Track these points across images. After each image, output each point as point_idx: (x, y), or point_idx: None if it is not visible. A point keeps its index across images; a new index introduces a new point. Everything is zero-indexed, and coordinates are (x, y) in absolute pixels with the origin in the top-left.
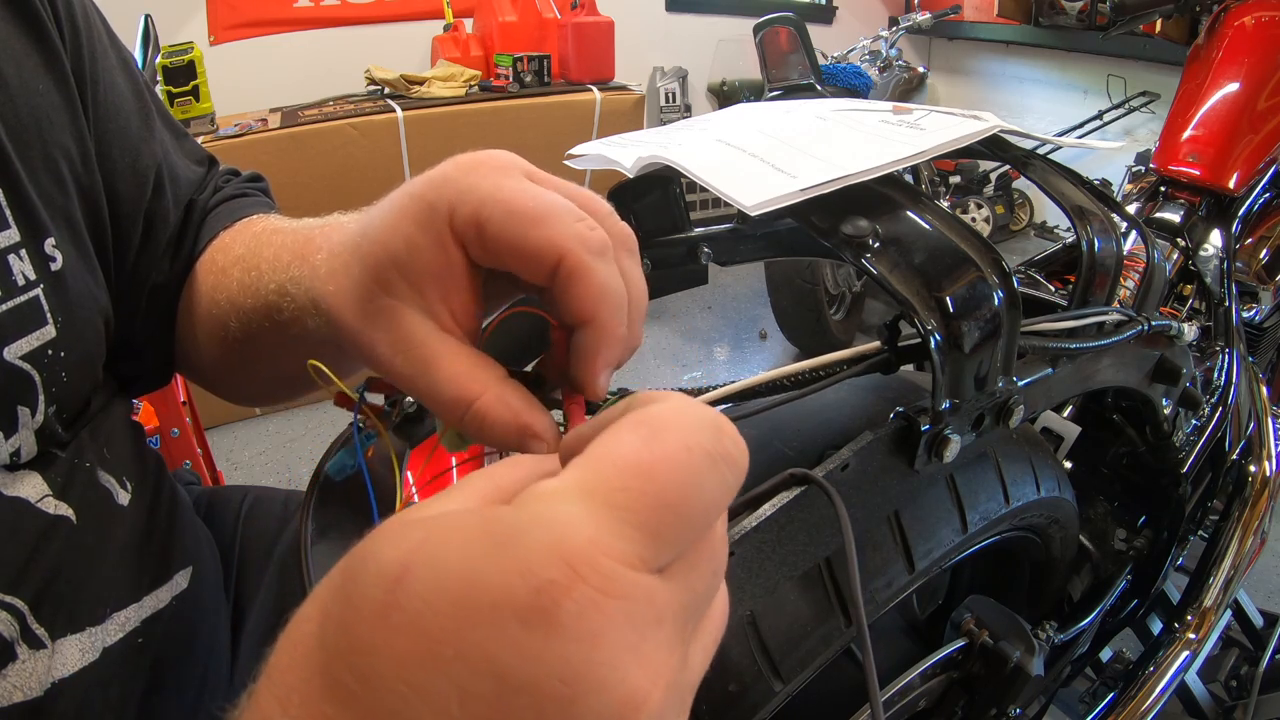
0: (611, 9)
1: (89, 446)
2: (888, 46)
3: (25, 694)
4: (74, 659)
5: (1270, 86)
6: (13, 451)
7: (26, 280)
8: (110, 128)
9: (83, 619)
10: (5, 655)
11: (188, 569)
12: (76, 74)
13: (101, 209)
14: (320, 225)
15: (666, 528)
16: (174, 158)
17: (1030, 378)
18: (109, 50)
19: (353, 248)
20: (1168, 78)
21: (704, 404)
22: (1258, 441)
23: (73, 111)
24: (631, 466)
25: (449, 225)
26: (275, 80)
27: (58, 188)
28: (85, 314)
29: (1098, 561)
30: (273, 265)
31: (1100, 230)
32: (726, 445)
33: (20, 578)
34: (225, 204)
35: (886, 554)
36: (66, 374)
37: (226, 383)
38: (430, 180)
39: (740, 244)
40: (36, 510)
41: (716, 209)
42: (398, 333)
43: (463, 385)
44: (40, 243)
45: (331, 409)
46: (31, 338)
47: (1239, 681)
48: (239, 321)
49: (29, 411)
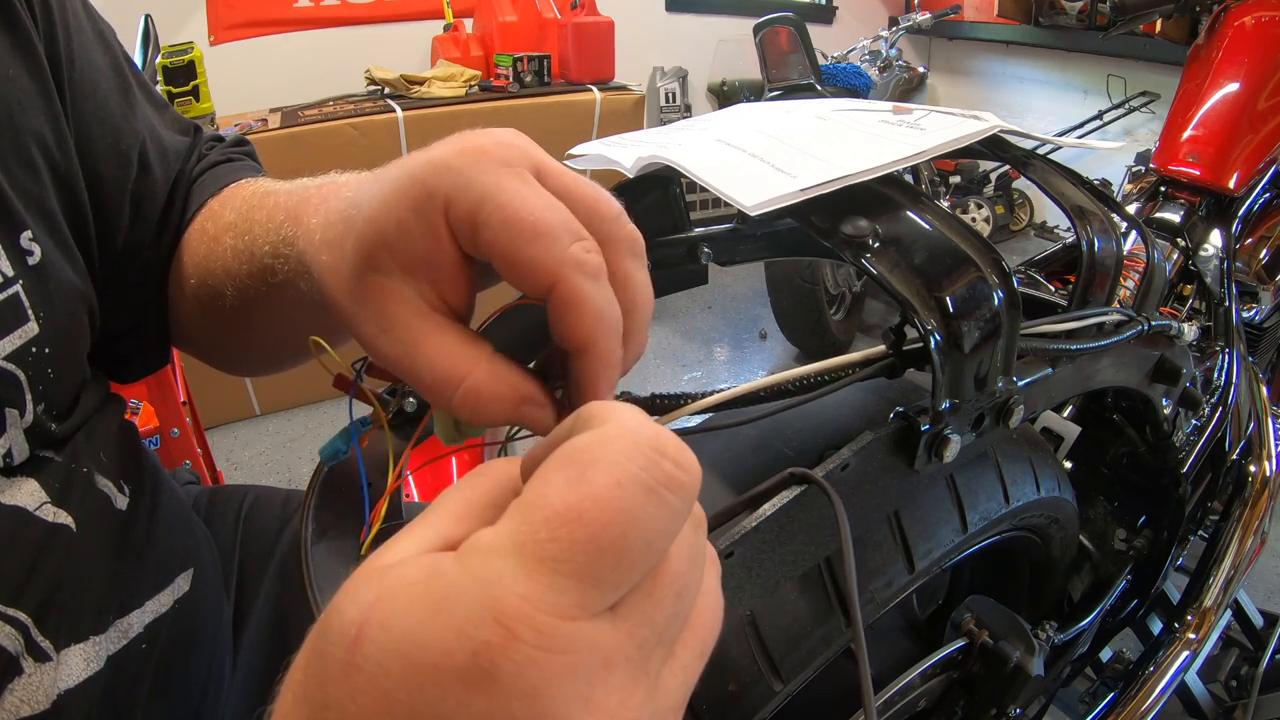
0: (611, 9)
1: (84, 451)
2: (888, 46)
3: (33, 708)
4: (79, 669)
5: (1270, 86)
6: (4, 453)
7: (5, 277)
8: (88, 107)
9: (86, 628)
10: (10, 670)
11: (188, 571)
12: (50, 55)
13: (80, 194)
14: (316, 185)
15: (604, 571)
16: (159, 131)
17: (1030, 378)
18: (84, 25)
19: (346, 220)
20: (1168, 78)
21: (644, 422)
22: (1258, 441)
23: (46, 95)
24: (559, 513)
25: (443, 215)
26: (275, 80)
27: (32, 177)
28: (67, 306)
29: (1098, 561)
30: (265, 227)
31: (1100, 230)
32: (665, 470)
33: (22, 589)
34: (211, 170)
35: (886, 554)
36: (53, 370)
37: (225, 352)
38: (432, 164)
39: (740, 244)
40: (36, 519)
41: (716, 209)
42: (384, 311)
43: (451, 363)
44: (16, 237)
45: (331, 409)
46: (13, 336)
47: (1239, 681)
48: (234, 289)
49: (17, 413)
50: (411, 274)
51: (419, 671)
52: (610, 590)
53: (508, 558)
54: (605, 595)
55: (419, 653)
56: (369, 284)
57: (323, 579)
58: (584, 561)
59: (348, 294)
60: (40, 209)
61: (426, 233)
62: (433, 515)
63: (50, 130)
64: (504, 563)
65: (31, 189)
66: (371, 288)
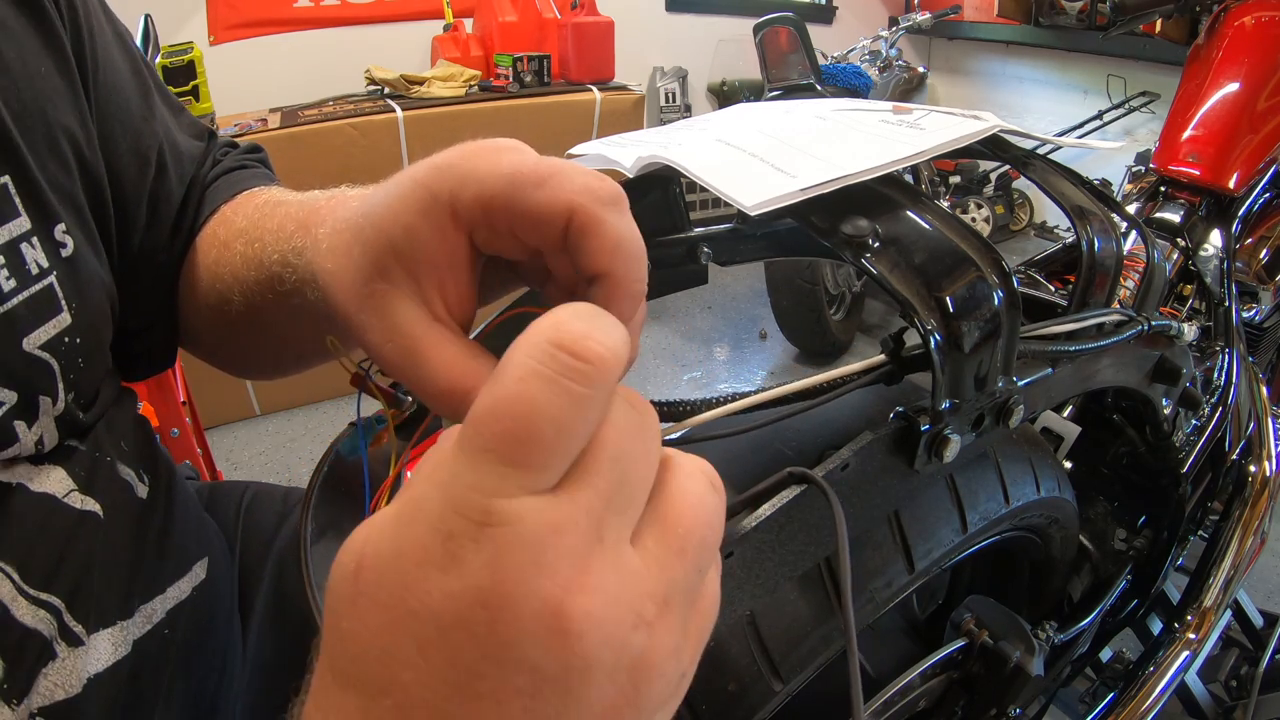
0: (611, 9)
1: (106, 440)
2: (888, 46)
3: (66, 691)
4: (106, 654)
5: (1270, 86)
6: (36, 440)
7: (40, 268)
8: (111, 109)
9: (113, 613)
10: (45, 654)
11: (204, 559)
12: (76, 54)
13: (104, 190)
14: (326, 197)
15: (527, 454)
16: (175, 135)
17: (1030, 378)
18: (105, 27)
19: (354, 228)
20: (1168, 78)
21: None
22: (1258, 441)
23: (74, 93)
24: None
25: (450, 212)
26: (275, 80)
27: (63, 171)
28: (96, 298)
29: (1098, 561)
30: (276, 236)
31: (1100, 230)
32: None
33: (54, 574)
34: (225, 177)
35: (886, 554)
36: (83, 359)
37: (232, 356)
38: (434, 166)
39: (740, 244)
40: (65, 506)
41: (716, 209)
42: (388, 320)
43: (456, 374)
44: (50, 229)
45: (331, 409)
46: (49, 326)
47: (1239, 681)
48: (242, 295)
49: (50, 400)
50: (418, 282)
51: (405, 574)
52: (540, 469)
53: (456, 459)
54: (538, 475)
55: (402, 559)
56: (375, 292)
57: (322, 578)
58: (508, 448)
59: (354, 301)
60: (72, 203)
61: (435, 234)
62: None
63: (79, 127)
64: (453, 463)
65: (64, 183)
66: (377, 295)
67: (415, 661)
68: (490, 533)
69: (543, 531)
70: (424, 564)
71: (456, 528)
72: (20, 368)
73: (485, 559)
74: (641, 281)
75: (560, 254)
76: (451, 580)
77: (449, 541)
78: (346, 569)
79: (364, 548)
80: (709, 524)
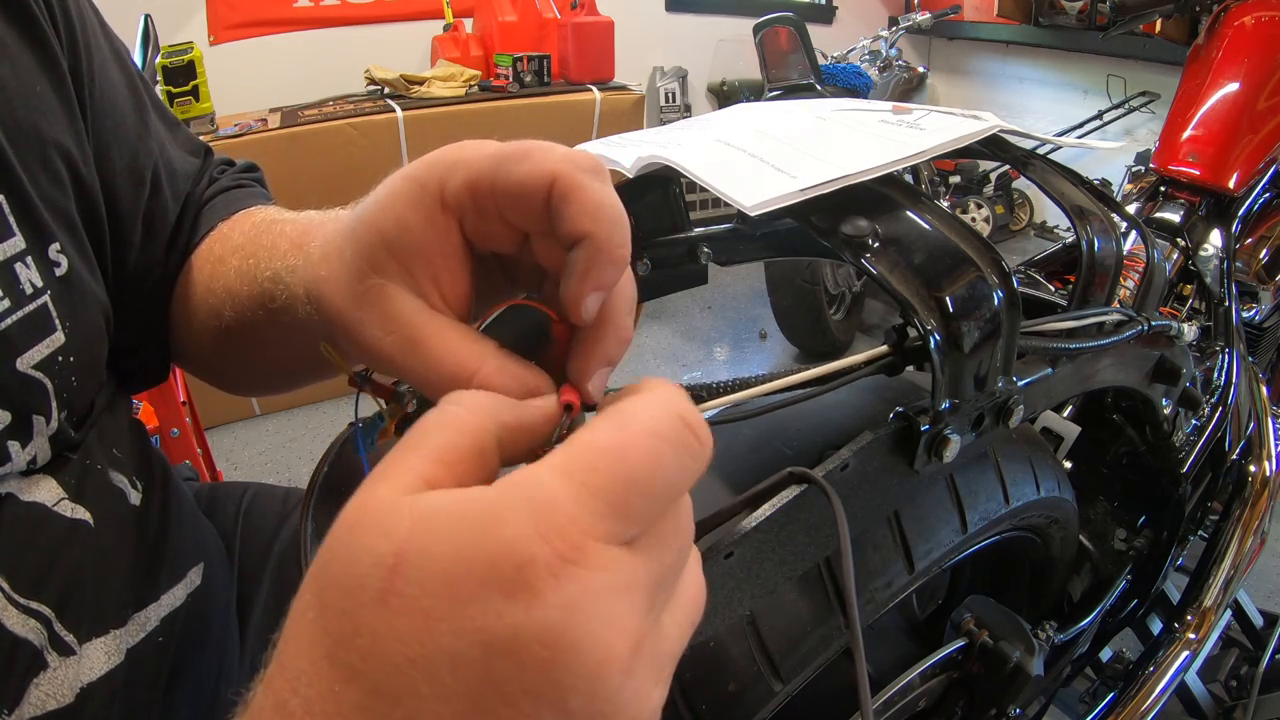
0: (611, 9)
1: (97, 448)
2: (888, 46)
3: (59, 701)
4: (100, 663)
5: (1270, 86)
6: (29, 459)
7: (34, 288)
8: (107, 125)
9: (106, 622)
10: (36, 663)
11: (200, 565)
12: (73, 72)
13: (98, 207)
14: (320, 217)
15: (633, 504)
16: (170, 151)
17: (1030, 378)
18: (102, 44)
19: (346, 233)
20: (1168, 78)
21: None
22: (1258, 441)
23: (70, 112)
24: (604, 449)
25: (439, 201)
26: (275, 80)
27: (59, 189)
28: (90, 316)
29: (1098, 561)
30: (270, 253)
31: (1100, 230)
32: (688, 436)
33: (42, 583)
34: (222, 195)
35: (886, 554)
36: (76, 378)
37: (223, 373)
38: (423, 162)
39: (740, 244)
40: (55, 515)
41: (716, 209)
42: (387, 311)
43: (460, 360)
44: (45, 248)
45: (331, 409)
46: (42, 346)
47: (1239, 681)
48: (234, 310)
49: (43, 420)
50: (412, 273)
51: (461, 588)
52: (635, 524)
53: (557, 482)
54: (630, 527)
55: (462, 571)
56: (371, 287)
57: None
58: (620, 491)
59: (349, 300)
60: (67, 221)
61: (424, 222)
62: (406, 457)
63: (74, 145)
64: (554, 486)
65: (59, 201)
66: (373, 290)
67: (442, 679)
68: (575, 572)
69: (621, 586)
70: (488, 583)
71: (539, 554)
72: (14, 388)
73: (566, 598)
74: (623, 247)
75: (547, 237)
76: (518, 609)
77: (526, 568)
78: (381, 561)
79: (407, 543)
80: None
